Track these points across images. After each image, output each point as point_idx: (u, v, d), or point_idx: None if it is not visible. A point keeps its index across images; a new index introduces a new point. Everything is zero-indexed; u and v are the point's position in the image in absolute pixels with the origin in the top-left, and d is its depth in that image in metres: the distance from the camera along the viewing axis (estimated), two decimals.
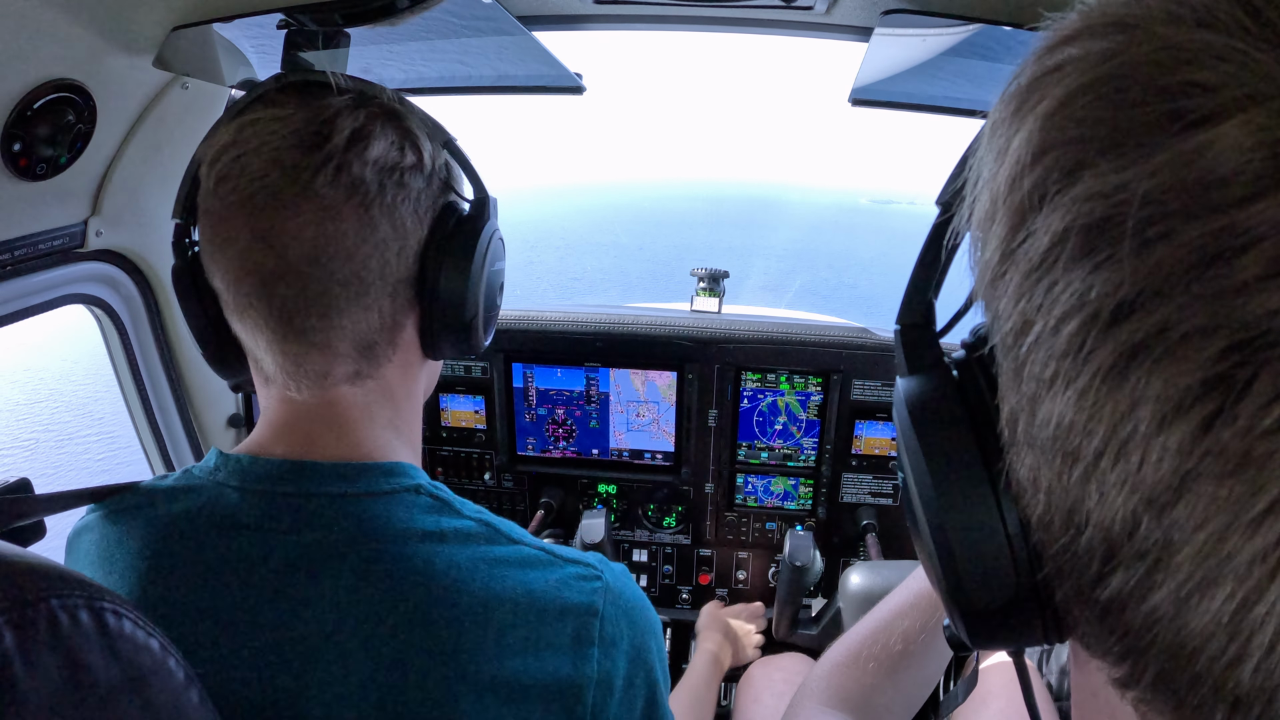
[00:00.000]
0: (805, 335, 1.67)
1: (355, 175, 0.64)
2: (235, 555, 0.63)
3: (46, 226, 1.04)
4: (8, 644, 0.40)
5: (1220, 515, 0.22)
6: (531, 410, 1.78)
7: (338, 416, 0.69)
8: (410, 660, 0.60)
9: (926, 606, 0.81)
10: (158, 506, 0.67)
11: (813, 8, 1.04)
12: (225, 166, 0.64)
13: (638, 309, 1.90)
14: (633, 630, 0.69)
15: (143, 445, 1.45)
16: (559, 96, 1.39)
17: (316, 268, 0.64)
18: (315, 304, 0.65)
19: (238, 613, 0.62)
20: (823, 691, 0.80)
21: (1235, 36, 0.23)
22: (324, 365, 0.67)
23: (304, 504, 0.64)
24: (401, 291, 0.70)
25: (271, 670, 0.61)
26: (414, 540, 0.63)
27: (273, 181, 0.63)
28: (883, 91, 1.32)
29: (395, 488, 0.66)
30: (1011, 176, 0.27)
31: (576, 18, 1.17)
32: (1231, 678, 0.24)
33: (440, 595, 0.61)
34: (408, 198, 0.68)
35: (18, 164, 0.91)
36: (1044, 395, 0.27)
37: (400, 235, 0.68)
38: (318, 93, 0.67)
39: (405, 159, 0.68)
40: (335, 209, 0.64)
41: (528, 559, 0.66)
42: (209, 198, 0.65)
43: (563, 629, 0.64)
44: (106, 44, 0.94)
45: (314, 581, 0.62)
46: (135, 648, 0.47)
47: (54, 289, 1.12)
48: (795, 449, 1.77)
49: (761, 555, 1.91)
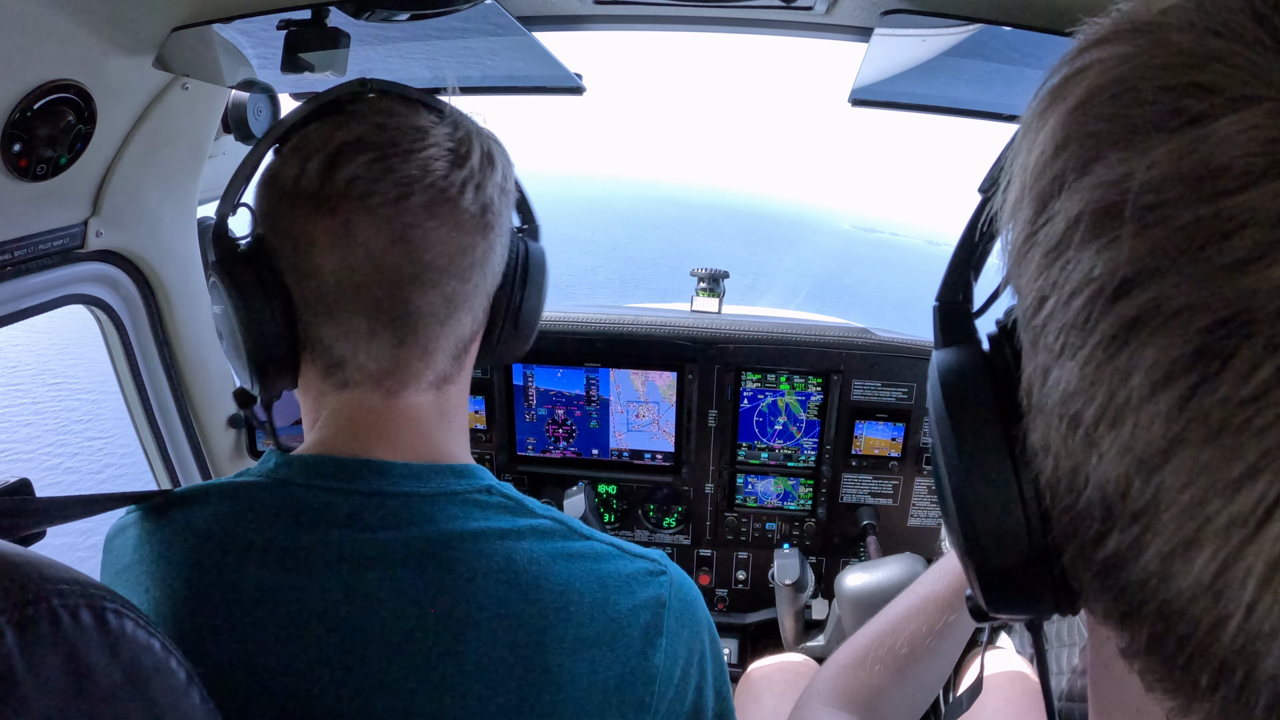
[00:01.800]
0: (805, 335, 1.68)
1: (487, 196, 0.70)
2: (304, 551, 0.62)
3: (46, 227, 1.04)
4: (9, 643, 0.40)
5: (1201, 479, 0.24)
6: (531, 410, 1.78)
7: (414, 420, 0.70)
8: (494, 656, 0.60)
9: (933, 611, 0.81)
10: (212, 503, 0.66)
11: (812, 8, 1.04)
12: (359, 167, 0.64)
13: (638, 309, 1.90)
14: (693, 622, 0.72)
15: (143, 445, 1.45)
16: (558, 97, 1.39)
17: (451, 277, 0.68)
18: (439, 310, 0.68)
19: (307, 608, 0.61)
20: (829, 693, 0.81)
21: (1243, 44, 0.25)
22: (421, 369, 0.69)
23: (378, 503, 0.64)
24: (485, 304, 0.74)
25: (347, 668, 0.60)
26: (492, 538, 0.64)
27: (421, 189, 0.65)
28: (882, 92, 1.32)
29: (467, 488, 0.67)
30: (1037, 166, 0.30)
31: (576, 18, 1.17)
32: (1214, 640, 0.25)
33: (522, 591, 0.62)
34: (509, 219, 0.76)
35: (18, 164, 0.91)
36: (1053, 364, 0.29)
37: (502, 253, 0.74)
38: (419, 106, 0.70)
39: (509, 183, 0.74)
40: (471, 224, 0.68)
41: (601, 553, 0.68)
42: (332, 194, 0.64)
43: (635, 620, 0.66)
44: (106, 44, 0.94)
45: (390, 580, 0.61)
46: (137, 648, 0.47)
47: (54, 289, 1.12)
48: (795, 449, 1.77)
49: (762, 555, 1.91)
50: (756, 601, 1.95)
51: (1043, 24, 0.84)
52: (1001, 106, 1.34)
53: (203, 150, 1.29)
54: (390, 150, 0.65)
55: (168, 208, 1.27)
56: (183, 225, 1.33)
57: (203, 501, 0.66)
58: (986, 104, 1.34)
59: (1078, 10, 0.32)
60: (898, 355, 1.68)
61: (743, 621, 1.95)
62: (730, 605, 1.96)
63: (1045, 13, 0.83)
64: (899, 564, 1.48)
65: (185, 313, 1.36)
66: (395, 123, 0.67)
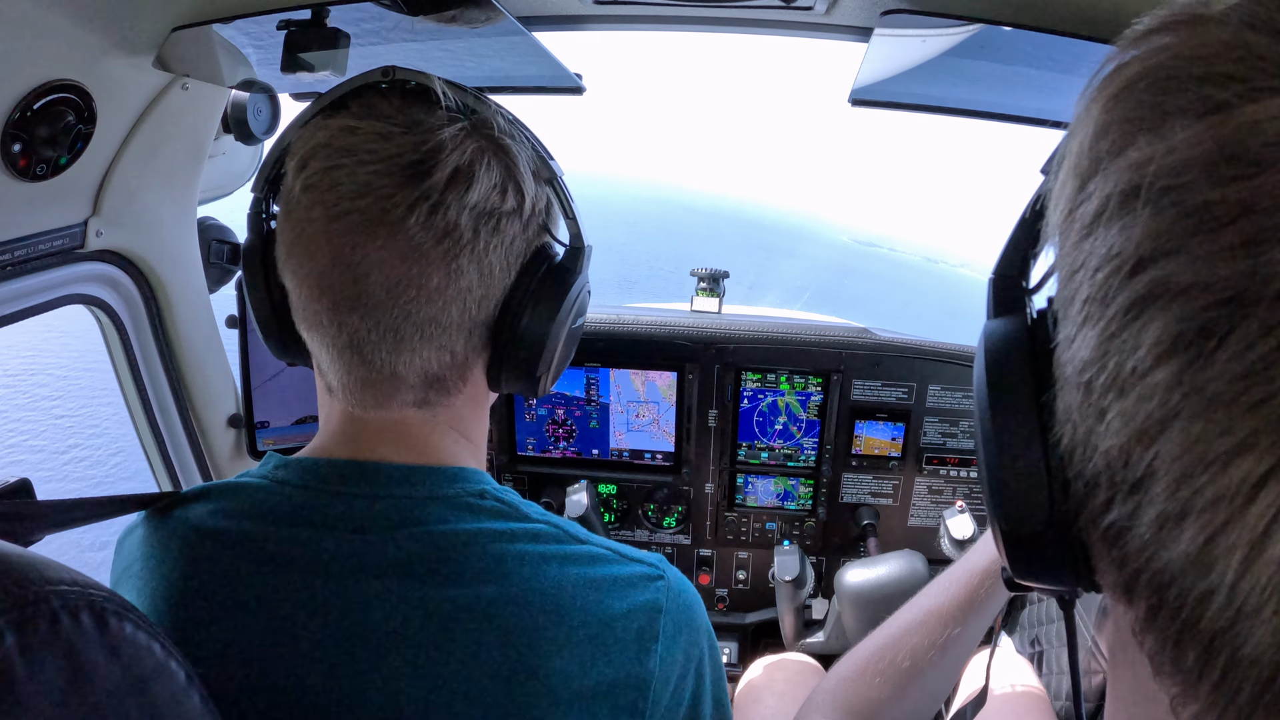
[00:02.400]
0: (805, 335, 1.67)
1: (450, 219, 0.61)
2: (297, 550, 0.62)
3: (46, 227, 1.04)
4: (9, 644, 0.40)
5: (1192, 451, 0.25)
6: (531, 410, 1.78)
7: (405, 430, 0.68)
8: (483, 658, 0.60)
9: (936, 625, 0.81)
10: (213, 502, 0.66)
11: (812, 8, 1.04)
12: (315, 174, 0.61)
13: (638, 309, 1.90)
14: (691, 627, 0.70)
15: (143, 445, 1.45)
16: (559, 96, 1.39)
17: (394, 305, 0.62)
18: (386, 339, 0.63)
19: (300, 607, 0.61)
20: (829, 705, 0.81)
21: (1275, 37, 0.26)
22: (390, 390, 0.66)
23: (369, 505, 0.64)
24: (478, 334, 0.67)
25: (336, 665, 0.60)
26: (484, 541, 0.63)
27: (363, 207, 0.60)
28: (882, 91, 1.31)
29: (460, 492, 0.66)
30: (1081, 148, 0.32)
31: (576, 18, 1.17)
32: (1200, 616, 0.25)
33: (513, 594, 0.61)
34: (500, 244, 0.65)
35: (18, 164, 0.91)
36: (1075, 334, 0.30)
37: (485, 282, 0.65)
38: (425, 105, 0.64)
39: (505, 203, 0.65)
40: (423, 251, 0.61)
41: (596, 557, 0.67)
42: (293, 198, 0.62)
43: (629, 625, 0.65)
44: (106, 44, 0.94)
45: (379, 581, 0.61)
46: (137, 649, 0.47)
47: (54, 289, 1.12)
48: (795, 449, 1.77)
49: (762, 555, 1.91)
50: (756, 601, 1.95)
51: (1042, 24, 0.84)
52: (1001, 106, 1.34)
53: (203, 150, 1.29)
54: (343, 159, 0.60)
55: (168, 208, 1.27)
56: (183, 225, 1.32)
57: (203, 500, 0.67)
58: (986, 104, 1.34)
59: (1077, 10, 0.33)
60: (898, 355, 1.68)
61: (743, 621, 1.95)
62: (730, 605, 1.96)
63: (1045, 12, 0.83)
64: (899, 561, 1.49)
65: (185, 313, 1.36)
66: (366, 126, 0.61)
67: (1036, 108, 1.30)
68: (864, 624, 1.52)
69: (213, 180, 1.36)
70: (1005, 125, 1.31)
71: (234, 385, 1.52)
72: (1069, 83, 1.11)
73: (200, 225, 1.38)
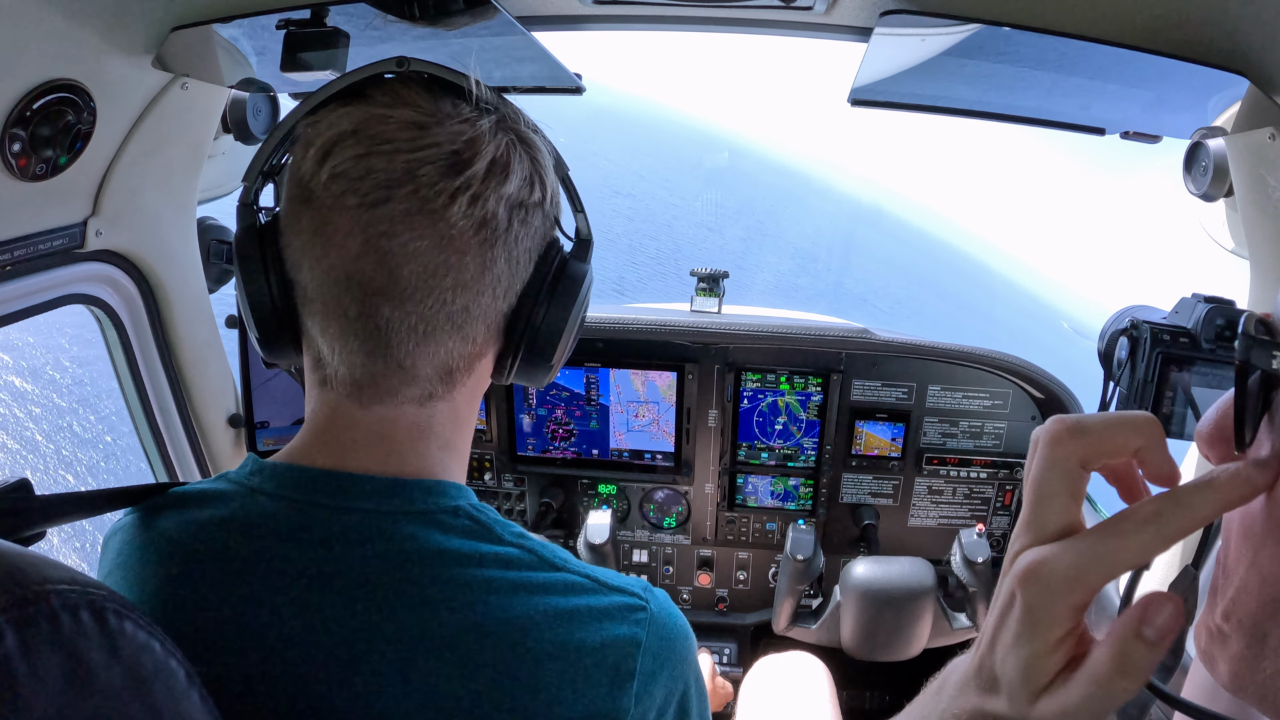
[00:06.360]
0: (805, 335, 1.67)
1: (489, 210, 0.62)
2: (264, 563, 0.61)
3: (46, 226, 1.04)
4: (9, 643, 0.40)
5: None
6: (531, 410, 1.78)
7: (392, 434, 0.66)
8: (442, 690, 0.58)
9: None
10: (189, 510, 0.65)
11: (812, 8, 1.04)
12: (345, 162, 0.59)
13: (638, 309, 1.90)
14: (672, 661, 0.67)
15: (142, 445, 1.45)
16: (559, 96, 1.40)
17: (429, 294, 0.61)
18: (417, 329, 0.62)
19: (266, 622, 0.60)
20: None
21: None
22: (399, 385, 0.65)
23: (337, 517, 0.62)
24: (495, 324, 0.68)
25: (301, 682, 0.59)
26: (450, 563, 0.61)
27: (403, 195, 0.59)
28: (882, 91, 1.32)
29: (432, 508, 0.64)
30: None
31: (576, 18, 1.17)
32: None
33: (474, 622, 0.59)
34: (527, 234, 0.67)
35: (17, 164, 0.91)
36: None
37: (512, 272, 0.66)
38: (450, 96, 0.63)
39: (533, 195, 0.66)
40: (463, 240, 0.61)
41: (571, 586, 0.64)
42: (316, 187, 0.60)
43: (603, 660, 0.62)
44: (106, 44, 0.94)
45: (344, 600, 0.60)
46: (137, 648, 0.47)
47: (54, 289, 1.12)
48: (795, 449, 1.77)
49: (762, 555, 1.91)
50: (756, 602, 1.95)
51: (1041, 24, 0.84)
52: (1001, 106, 1.34)
53: (202, 150, 1.29)
54: (379, 147, 0.59)
55: (167, 207, 1.26)
56: (182, 225, 1.32)
57: (179, 509, 0.66)
58: (985, 104, 1.34)
59: (1076, 10, 0.32)
60: (898, 355, 1.68)
61: (743, 622, 1.95)
62: (730, 605, 1.96)
63: (1044, 13, 0.83)
64: (910, 565, 1.51)
65: (185, 312, 1.36)
66: (400, 115, 0.60)
67: (1036, 108, 1.30)
68: (862, 619, 1.53)
69: (212, 180, 1.36)
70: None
71: (234, 385, 1.52)
72: (1069, 83, 1.11)
73: (200, 225, 1.38)
